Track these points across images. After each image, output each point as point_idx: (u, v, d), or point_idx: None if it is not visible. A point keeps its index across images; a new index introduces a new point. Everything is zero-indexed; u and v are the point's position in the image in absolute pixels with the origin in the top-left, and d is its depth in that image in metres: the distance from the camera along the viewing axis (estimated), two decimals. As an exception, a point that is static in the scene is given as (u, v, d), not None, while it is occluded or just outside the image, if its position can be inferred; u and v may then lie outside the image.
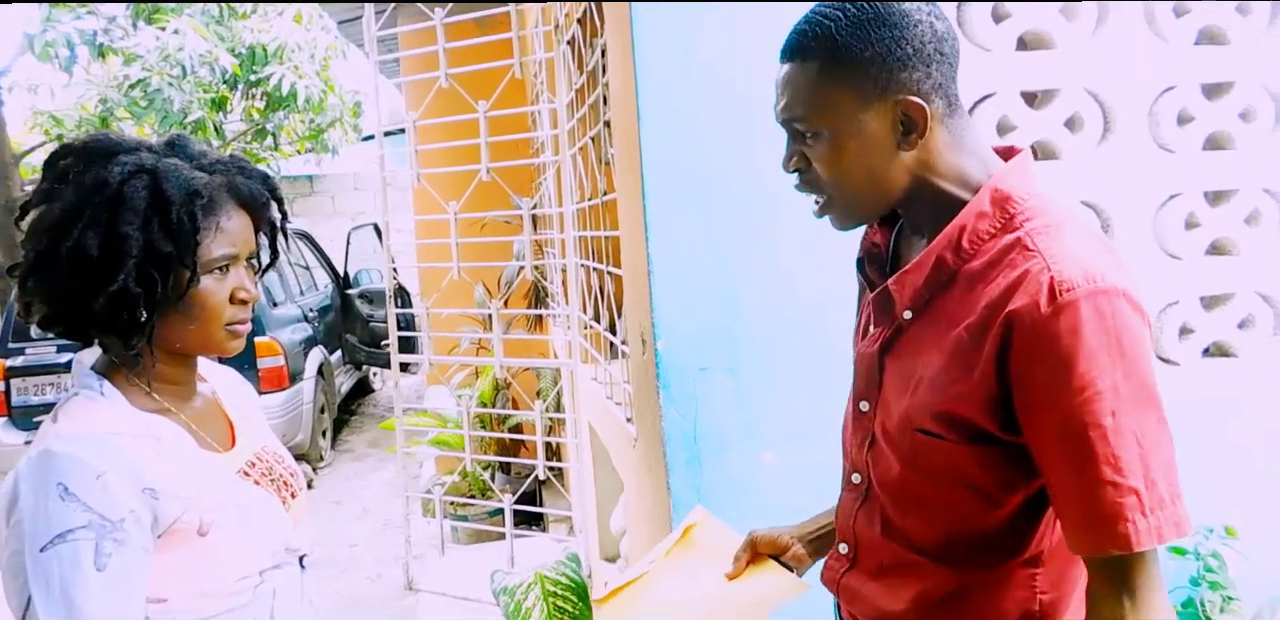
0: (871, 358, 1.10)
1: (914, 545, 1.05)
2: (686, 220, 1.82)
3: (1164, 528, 0.89)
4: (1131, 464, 0.89)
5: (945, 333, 0.98)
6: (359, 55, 8.46)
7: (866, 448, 1.10)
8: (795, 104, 1.01)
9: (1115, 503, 0.89)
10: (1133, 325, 0.90)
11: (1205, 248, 2.10)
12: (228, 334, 1.12)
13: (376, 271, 7.77)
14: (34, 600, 0.94)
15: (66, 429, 1.02)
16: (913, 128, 0.98)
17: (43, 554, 0.95)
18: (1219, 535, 1.93)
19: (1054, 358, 0.90)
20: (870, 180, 1.01)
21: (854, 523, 1.13)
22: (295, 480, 1.24)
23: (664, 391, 1.79)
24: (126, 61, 7.62)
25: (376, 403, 8.66)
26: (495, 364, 3.68)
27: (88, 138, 1.11)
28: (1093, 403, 0.89)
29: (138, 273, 1.03)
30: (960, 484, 1.00)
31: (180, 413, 1.13)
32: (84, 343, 1.12)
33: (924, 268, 1.02)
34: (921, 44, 0.97)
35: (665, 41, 1.80)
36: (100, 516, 0.97)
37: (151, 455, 1.04)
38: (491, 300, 3.78)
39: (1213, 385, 2.07)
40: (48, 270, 1.05)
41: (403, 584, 4.04)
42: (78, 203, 1.04)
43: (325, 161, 10.12)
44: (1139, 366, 0.90)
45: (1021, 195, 0.99)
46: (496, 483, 4.36)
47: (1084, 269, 0.91)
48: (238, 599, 1.07)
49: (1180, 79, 2.05)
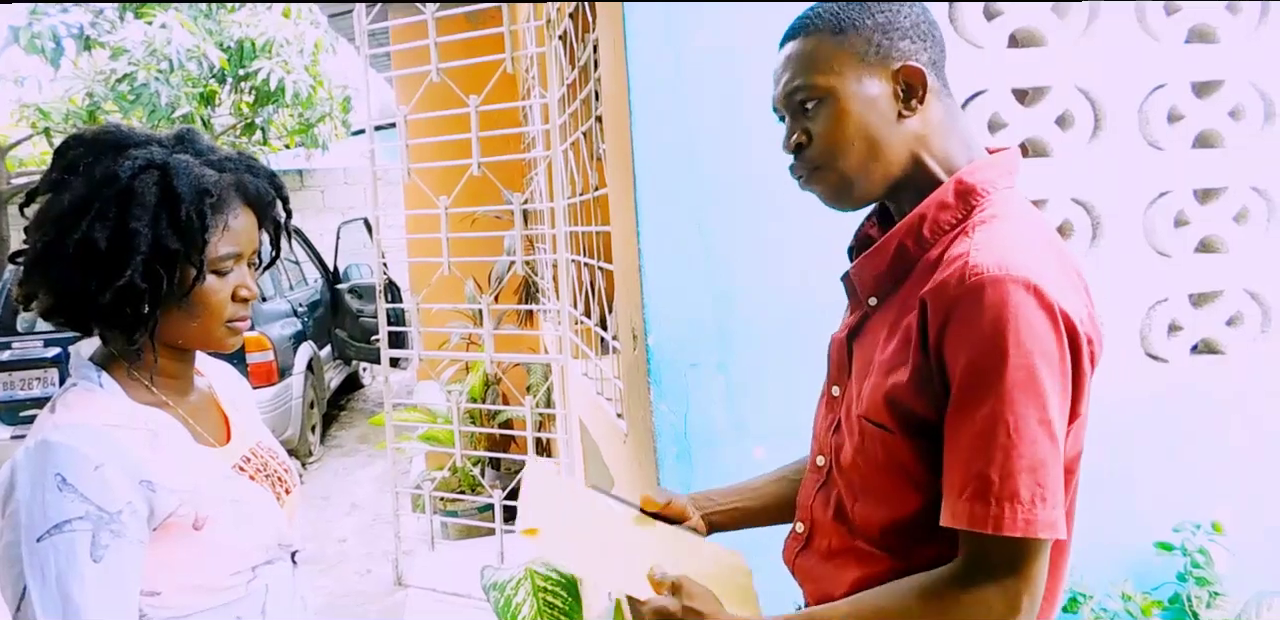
0: (841, 343, 1.12)
1: (858, 530, 1.07)
2: (678, 216, 1.81)
3: (1005, 520, 0.88)
4: (991, 452, 0.89)
5: (899, 320, 1.01)
6: (348, 50, 8.42)
7: (832, 432, 1.12)
8: (798, 75, 1.04)
9: (964, 480, 0.91)
10: (1032, 319, 0.89)
11: (1194, 245, 2.11)
12: (228, 330, 1.12)
13: (366, 266, 7.76)
14: (29, 590, 0.94)
15: (65, 420, 1.02)
16: (913, 94, 1.02)
17: (39, 544, 0.95)
18: (1206, 531, 1.94)
19: (954, 338, 0.92)
20: (871, 149, 1.02)
21: (812, 503, 1.15)
22: (289, 476, 1.24)
23: (655, 387, 1.79)
24: (114, 55, 7.57)
25: (366, 398, 8.64)
26: (486, 359, 3.68)
27: (98, 129, 1.11)
28: (974, 386, 0.90)
29: (144, 268, 1.03)
30: (899, 474, 1.01)
31: (177, 406, 1.13)
32: (84, 334, 1.11)
33: (883, 254, 1.04)
34: (917, 21, 1.04)
35: (657, 37, 1.80)
36: (98, 508, 0.97)
37: (148, 448, 1.04)
38: (482, 295, 3.77)
39: (1201, 382, 2.08)
40: (54, 261, 1.04)
41: (392, 579, 4.04)
42: (87, 195, 1.04)
43: (315, 156, 10.07)
44: (1031, 360, 0.89)
45: (986, 189, 1.01)
46: (486, 478, 4.36)
47: (999, 258, 0.92)
48: (230, 594, 1.07)
49: (1170, 77, 2.06)
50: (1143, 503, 2.00)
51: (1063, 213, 2.03)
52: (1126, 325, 2.06)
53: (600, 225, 2.59)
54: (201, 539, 1.04)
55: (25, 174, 10.09)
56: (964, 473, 0.91)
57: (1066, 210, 2.03)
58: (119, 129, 1.11)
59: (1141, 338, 2.08)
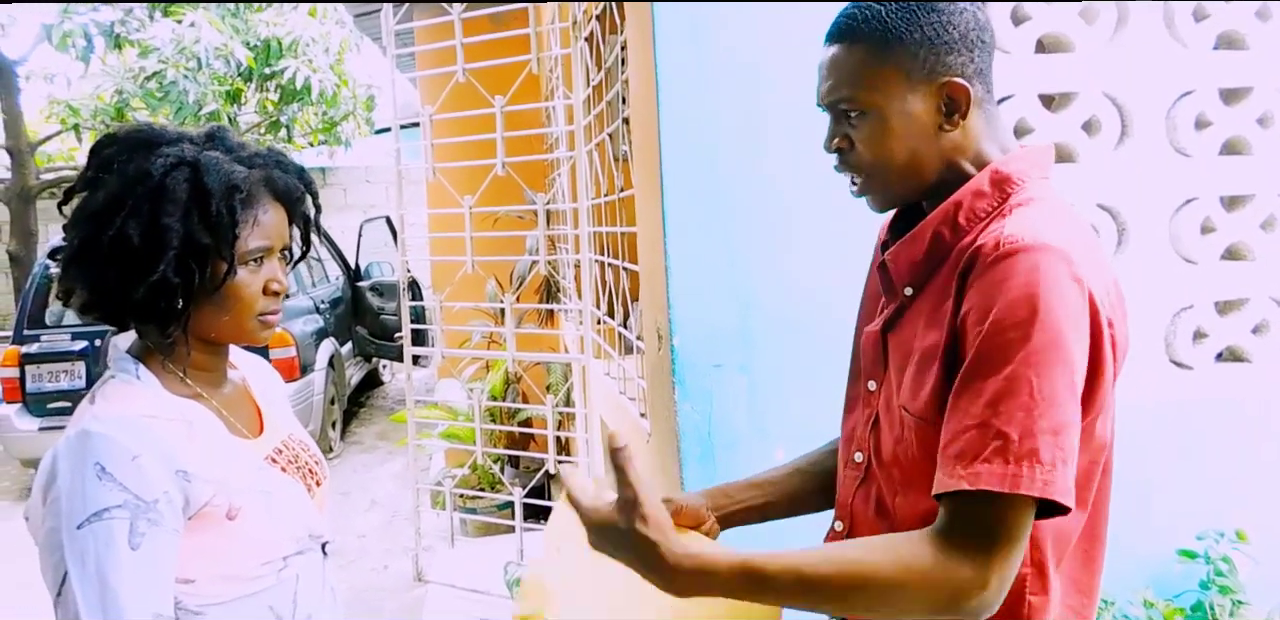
0: (875, 337, 1.12)
1: (900, 524, 1.05)
2: (704, 218, 1.83)
3: (1023, 478, 0.84)
4: (1012, 411, 0.86)
5: (937, 307, 1.00)
6: (373, 49, 8.48)
7: (870, 427, 1.11)
8: (842, 85, 1.04)
9: (980, 442, 0.86)
10: (1062, 285, 0.89)
11: (1220, 252, 2.10)
12: (260, 324, 1.15)
13: (387, 264, 7.80)
14: (69, 576, 0.96)
15: (104, 411, 1.04)
16: (955, 109, 1.01)
17: (79, 531, 0.97)
18: (1229, 539, 1.93)
19: (982, 302, 0.90)
20: (911, 161, 1.03)
21: (852, 501, 1.14)
22: (320, 468, 1.26)
23: (679, 387, 1.80)
24: (142, 53, 7.66)
25: (385, 395, 8.69)
26: (508, 358, 3.70)
27: (131, 128, 1.14)
28: (1000, 346, 0.88)
29: (177, 263, 1.05)
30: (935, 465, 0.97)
31: (211, 398, 1.16)
32: (120, 328, 1.14)
33: (919, 242, 1.04)
34: (966, 30, 1.01)
35: (686, 39, 1.81)
36: (136, 497, 0.99)
37: (184, 439, 1.06)
38: (505, 294, 3.79)
39: (1225, 390, 2.08)
40: (90, 258, 1.07)
41: (411, 575, 4.07)
42: (120, 192, 1.06)
43: (338, 154, 10.15)
44: (1060, 325, 0.88)
45: (1021, 178, 1.02)
46: (506, 476, 4.38)
47: (1036, 231, 0.92)
48: (262, 583, 1.09)
49: (1198, 83, 2.05)
50: (1166, 510, 1.99)
51: (1088, 219, 2.02)
52: (1151, 332, 2.06)
53: (625, 226, 2.60)
54: (234, 529, 1.07)
55: (54, 170, 10.23)
56: (978, 435, 0.87)
57: (1092, 216, 2.03)
58: (151, 128, 1.14)
59: (1166, 345, 2.08)
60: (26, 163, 9.06)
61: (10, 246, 9.16)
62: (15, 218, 9.11)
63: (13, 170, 9.18)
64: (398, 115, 4.01)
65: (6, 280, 10.63)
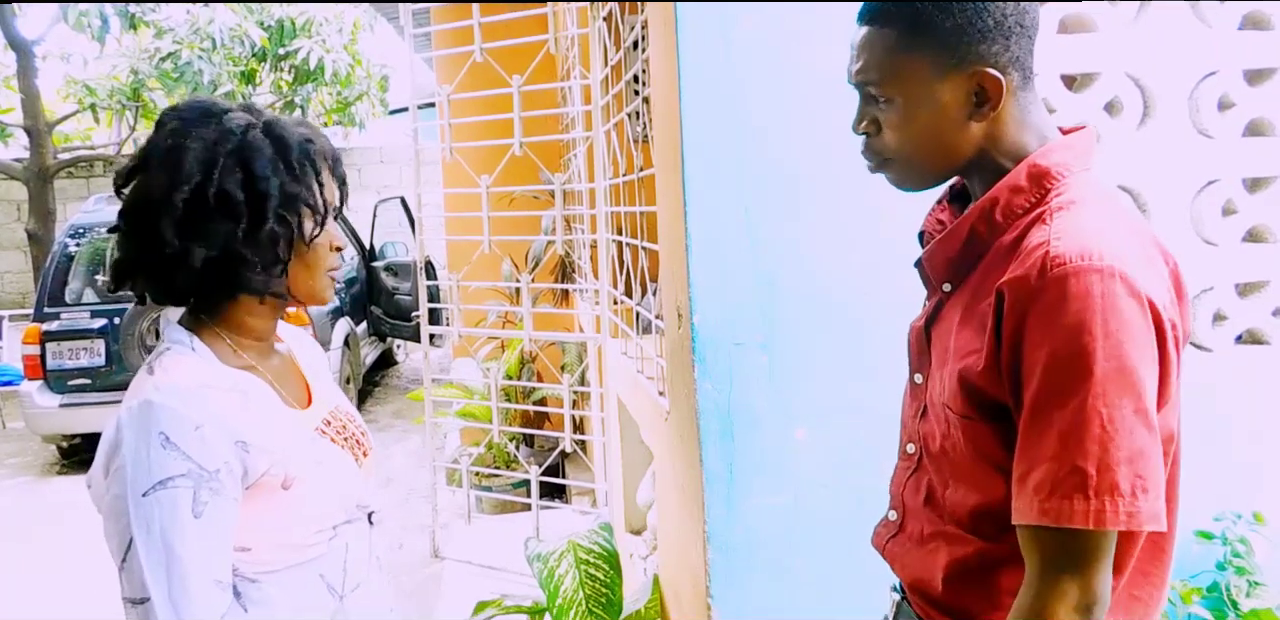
0: (919, 331, 1.12)
1: (949, 515, 1.06)
2: (725, 196, 1.83)
3: (1107, 514, 0.86)
4: (1087, 445, 0.86)
5: (974, 305, 1.00)
6: (387, 29, 8.46)
7: (919, 419, 1.12)
8: (870, 69, 1.02)
9: (1057, 475, 0.87)
10: (1121, 307, 0.87)
11: (1242, 234, 2.09)
12: (329, 280, 1.18)
13: (402, 244, 7.82)
14: (135, 542, 0.99)
15: (164, 381, 1.06)
16: (986, 100, 0.99)
17: (144, 498, 1.00)
18: (1247, 521, 1.94)
19: (1037, 330, 0.89)
20: (937, 148, 1.02)
21: (903, 491, 1.15)
22: (365, 439, 1.29)
23: (699, 366, 1.82)
24: (158, 34, 7.68)
25: (400, 374, 8.74)
26: (525, 337, 3.72)
27: (191, 100, 1.17)
28: (1064, 379, 0.88)
29: (279, 214, 1.09)
30: (983, 459, 1.00)
31: (264, 370, 1.18)
32: (177, 303, 1.16)
33: (955, 239, 1.03)
34: (1003, 16, 0.97)
35: (708, 18, 1.81)
36: (198, 466, 1.01)
37: (241, 409, 1.08)
38: (521, 274, 3.81)
39: (1245, 372, 2.08)
40: (201, 215, 1.08)
41: (428, 552, 4.12)
42: (209, 154, 1.09)
43: (352, 134, 10.17)
44: (1122, 350, 0.87)
45: (1060, 172, 0.99)
46: (521, 454, 4.42)
47: (1083, 246, 0.90)
48: (314, 551, 1.12)
49: (1222, 64, 2.04)
50: (1184, 491, 1.99)
51: (1110, 199, 2.02)
52: (1170, 313, 2.06)
53: (643, 206, 2.61)
54: (289, 498, 1.09)
55: (71, 149, 10.27)
56: (1054, 469, 0.87)
57: (1113, 197, 2.02)
58: (209, 99, 1.18)
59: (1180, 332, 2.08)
60: (44, 142, 9.10)
61: (29, 225, 9.22)
62: (34, 197, 9.16)
63: (31, 149, 9.23)
64: (415, 95, 4.01)
65: (26, 259, 10.71)
